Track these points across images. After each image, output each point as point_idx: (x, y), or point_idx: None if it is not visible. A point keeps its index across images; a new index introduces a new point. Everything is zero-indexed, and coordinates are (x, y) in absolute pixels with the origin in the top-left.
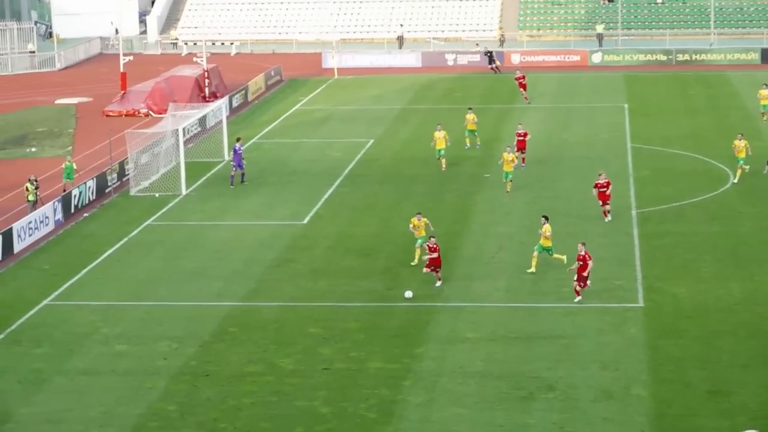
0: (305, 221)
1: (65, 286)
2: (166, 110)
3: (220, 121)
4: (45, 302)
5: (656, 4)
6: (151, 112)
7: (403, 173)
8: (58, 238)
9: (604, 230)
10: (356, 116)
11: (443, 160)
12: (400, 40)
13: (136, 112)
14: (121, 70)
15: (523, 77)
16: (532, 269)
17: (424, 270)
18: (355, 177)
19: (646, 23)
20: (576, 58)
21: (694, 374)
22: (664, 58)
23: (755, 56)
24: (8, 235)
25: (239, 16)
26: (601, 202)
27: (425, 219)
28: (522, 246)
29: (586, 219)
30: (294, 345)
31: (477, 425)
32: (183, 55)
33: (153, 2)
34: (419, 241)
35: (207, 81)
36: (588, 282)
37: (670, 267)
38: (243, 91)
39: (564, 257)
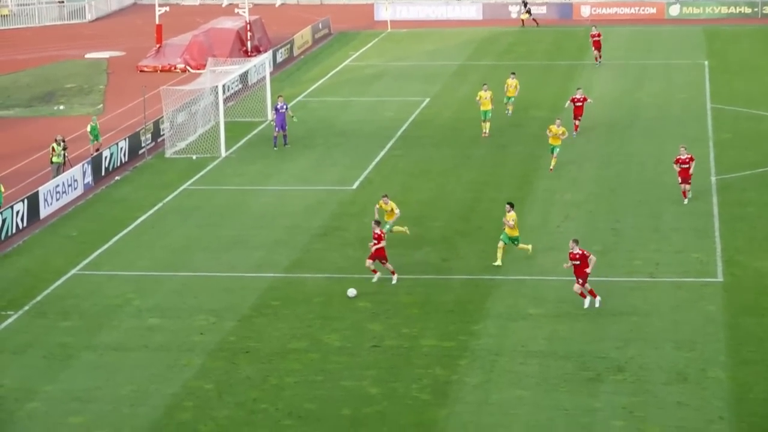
0: (354, 186)
1: (95, 254)
2: (204, 65)
3: (263, 78)
4: (73, 272)
5: None
6: (188, 68)
7: (461, 135)
8: (88, 202)
9: (681, 198)
10: (410, 73)
11: (488, 124)
12: None
13: (172, 68)
14: (157, 21)
15: (599, 35)
16: (498, 262)
17: (367, 262)
18: (409, 139)
19: None
20: (652, 10)
21: None
22: (749, 10)
23: None
24: (34, 200)
25: None
26: (680, 180)
27: (392, 203)
28: (590, 215)
29: (659, 186)
30: (341, 320)
31: (539, 408)
32: (223, 5)
33: None
34: (386, 226)
35: (249, 34)
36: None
37: (752, 239)
38: (288, 45)
39: (529, 247)
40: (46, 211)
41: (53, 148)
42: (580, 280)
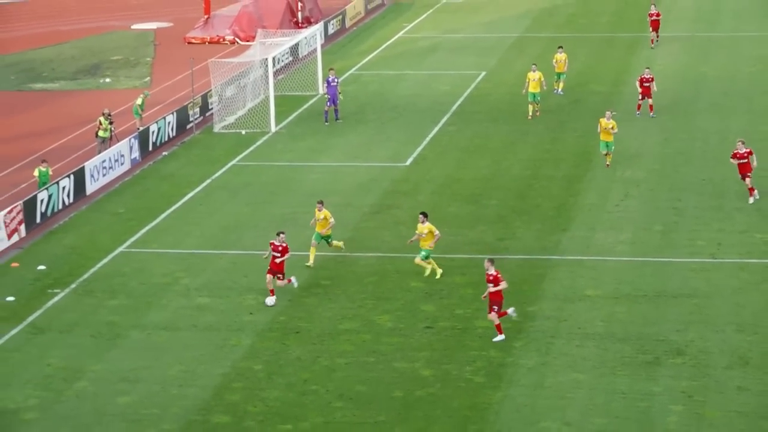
0: (408, 163)
1: (142, 231)
2: (254, 37)
3: (314, 50)
4: (120, 249)
5: None
6: (237, 40)
7: (519, 110)
8: (135, 178)
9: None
10: (466, 45)
11: (533, 107)
12: None
13: (221, 39)
14: None
15: (659, 15)
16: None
17: (267, 279)
18: (464, 114)
19: None
20: None
21: None
22: None
23: None
24: (80, 175)
25: None
26: (741, 176)
27: (327, 211)
28: (651, 193)
29: (723, 164)
30: (393, 300)
31: (595, 392)
32: None
33: None
34: (321, 238)
35: (300, 5)
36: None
37: None
38: (340, 17)
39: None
40: (92, 187)
41: (100, 122)
42: (495, 307)
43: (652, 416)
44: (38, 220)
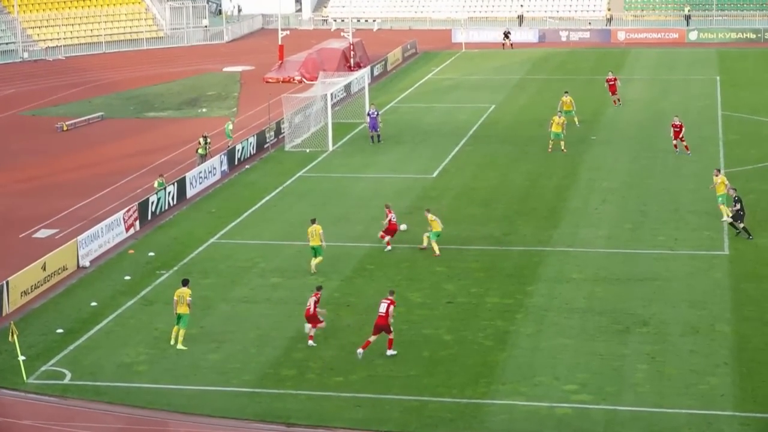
0: (434, 175)
1: (229, 226)
2: (316, 77)
3: (363, 88)
4: (212, 240)
5: None
6: (304, 79)
7: (520, 134)
8: (224, 186)
9: (696, 186)
10: (480, 84)
11: (560, 143)
12: (521, 18)
13: (292, 79)
14: (279, 42)
15: (615, 80)
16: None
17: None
18: (479, 137)
19: (739, 5)
20: (675, 35)
21: None
22: (753, 36)
23: None
24: (182, 183)
25: None
26: (678, 139)
27: (319, 226)
28: (623, 199)
29: (679, 176)
30: (422, 281)
31: (579, 354)
32: (332, 30)
33: None
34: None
35: (352, 53)
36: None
37: (753, 220)
38: (383, 62)
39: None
40: (191, 192)
41: (199, 141)
42: (372, 338)
43: (624, 373)
44: (149, 217)
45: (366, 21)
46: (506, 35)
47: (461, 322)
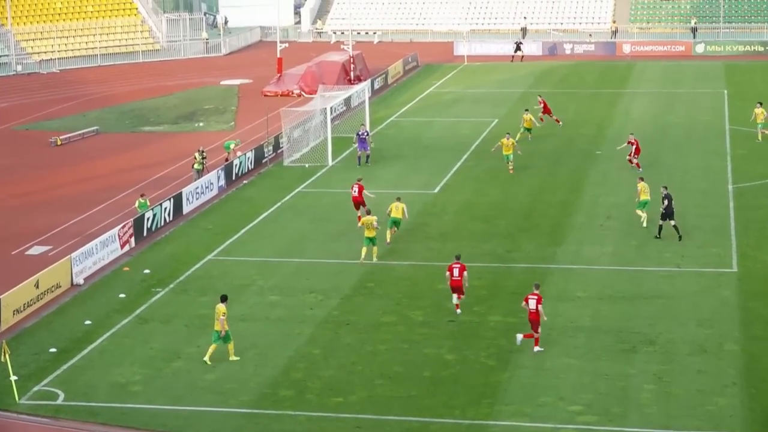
0: (436, 190)
1: (226, 243)
2: (316, 91)
3: (363, 101)
4: (209, 257)
5: None
6: (303, 93)
7: (523, 149)
8: (221, 201)
9: (704, 202)
10: (483, 98)
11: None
12: (524, 30)
13: (290, 93)
14: (278, 55)
15: (541, 102)
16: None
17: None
18: (480, 152)
19: (746, 17)
20: (681, 48)
21: None
22: (761, 48)
23: None
24: (179, 199)
25: (382, 9)
26: (635, 155)
27: (403, 204)
28: (628, 215)
29: (685, 192)
30: (424, 299)
31: (584, 374)
32: (332, 42)
33: None
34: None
35: (352, 66)
36: None
37: (762, 237)
38: (383, 75)
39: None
40: (188, 208)
41: (195, 156)
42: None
43: (630, 393)
44: (145, 233)
45: (366, 33)
46: (518, 46)
47: (463, 341)
